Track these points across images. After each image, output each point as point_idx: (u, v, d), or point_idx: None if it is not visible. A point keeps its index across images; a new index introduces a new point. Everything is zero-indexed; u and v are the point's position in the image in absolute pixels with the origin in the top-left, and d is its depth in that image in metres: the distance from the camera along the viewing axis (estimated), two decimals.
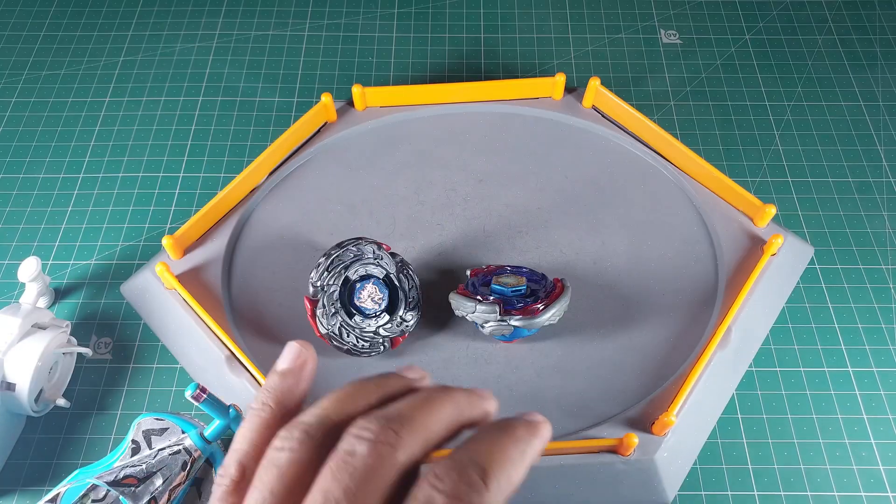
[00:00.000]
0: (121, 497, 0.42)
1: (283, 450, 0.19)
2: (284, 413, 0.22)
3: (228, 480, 0.20)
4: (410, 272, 0.52)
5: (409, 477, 0.19)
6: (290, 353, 0.23)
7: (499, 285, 0.50)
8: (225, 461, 0.21)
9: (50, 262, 0.59)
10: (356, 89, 0.62)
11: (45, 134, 0.66)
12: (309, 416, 0.20)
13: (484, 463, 0.18)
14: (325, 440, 0.19)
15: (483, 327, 0.49)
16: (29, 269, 0.52)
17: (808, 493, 0.49)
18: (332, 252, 0.50)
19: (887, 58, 0.72)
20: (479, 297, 0.49)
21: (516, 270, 0.53)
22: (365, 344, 0.50)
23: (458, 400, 0.20)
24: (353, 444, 0.18)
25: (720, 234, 0.57)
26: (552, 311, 0.48)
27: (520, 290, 0.50)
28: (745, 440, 0.51)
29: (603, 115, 0.63)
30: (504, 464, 0.18)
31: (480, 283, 0.52)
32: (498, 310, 0.48)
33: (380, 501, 0.18)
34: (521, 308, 0.48)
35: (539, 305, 0.48)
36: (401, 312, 0.51)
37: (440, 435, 0.20)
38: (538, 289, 0.51)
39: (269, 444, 0.20)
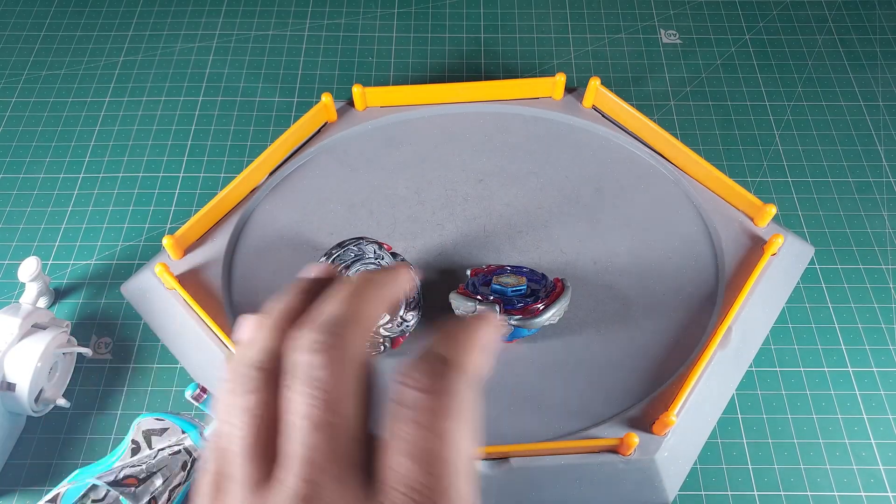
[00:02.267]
0: (121, 497, 0.42)
1: (236, 392, 0.18)
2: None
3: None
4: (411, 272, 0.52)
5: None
6: (247, 324, 0.22)
7: (499, 285, 0.50)
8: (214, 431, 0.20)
9: (50, 262, 0.59)
10: (356, 89, 0.62)
11: (45, 134, 0.66)
12: (252, 351, 0.19)
13: (443, 351, 0.18)
14: (275, 368, 0.19)
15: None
16: (29, 269, 0.52)
17: (808, 493, 0.49)
18: (333, 252, 0.50)
19: (887, 58, 0.72)
20: (479, 297, 0.49)
21: (516, 270, 0.53)
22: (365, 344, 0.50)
23: (378, 279, 0.20)
24: (307, 357, 0.18)
25: (720, 234, 0.57)
26: (552, 310, 0.48)
27: (520, 290, 0.50)
28: (745, 440, 0.51)
29: (603, 115, 0.63)
30: (462, 348, 0.19)
31: (480, 282, 0.52)
32: (498, 310, 0.48)
33: (355, 401, 0.18)
34: (521, 308, 0.48)
35: (539, 305, 0.48)
36: (401, 312, 0.51)
37: (375, 316, 0.20)
38: (538, 289, 0.51)
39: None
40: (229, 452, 0.18)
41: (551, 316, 0.48)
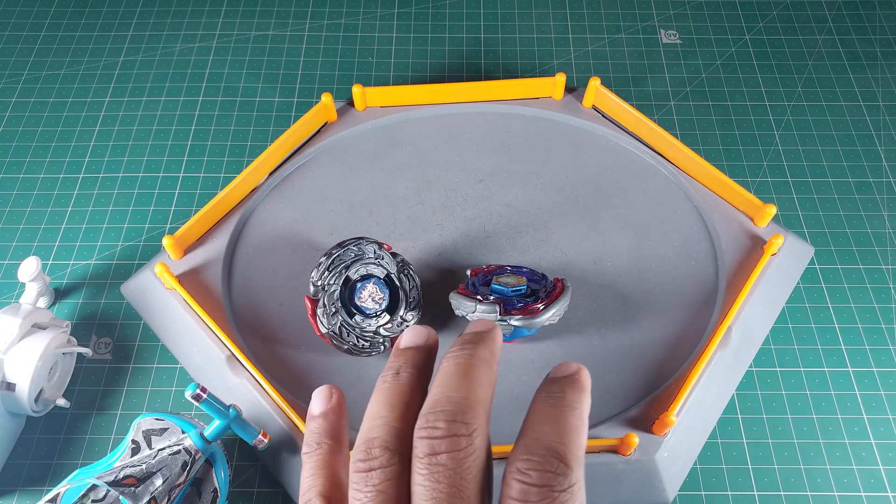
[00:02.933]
0: (121, 497, 0.42)
1: (371, 469, 0.20)
2: (340, 447, 0.23)
3: None
4: (411, 272, 0.52)
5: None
6: (322, 395, 0.24)
7: (499, 285, 0.50)
8: (302, 499, 0.22)
9: (50, 262, 0.59)
10: (356, 89, 0.62)
11: (45, 134, 0.66)
12: (376, 430, 0.20)
13: (556, 446, 0.19)
14: (402, 448, 0.20)
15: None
16: (29, 269, 0.52)
17: (808, 493, 0.49)
18: (333, 251, 0.50)
19: (887, 58, 0.72)
20: (479, 297, 0.49)
21: (516, 270, 0.53)
22: (365, 343, 0.50)
23: (482, 355, 0.21)
24: (433, 445, 0.19)
25: (720, 234, 0.57)
26: (552, 310, 0.48)
27: (520, 290, 0.50)
28: (745, 440, 0.51)
29: (603, 115, 0.63)
30: (572, 437, 0.19)
31: (480, 282, 0.52)
32: (498, 309, 0.48)
33: (480, 486, 0.19)
34: (521, 308, 0.48)
35: (539, 305, 0.48)
36: (401, 312, 0.51)
37: (490, 397, 0.21)
38: (538, 289, 0.51)
39: (342, 475, 0.21)
40: None
41: (551, 316, 0.48)
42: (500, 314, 0.48)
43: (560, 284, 0.50)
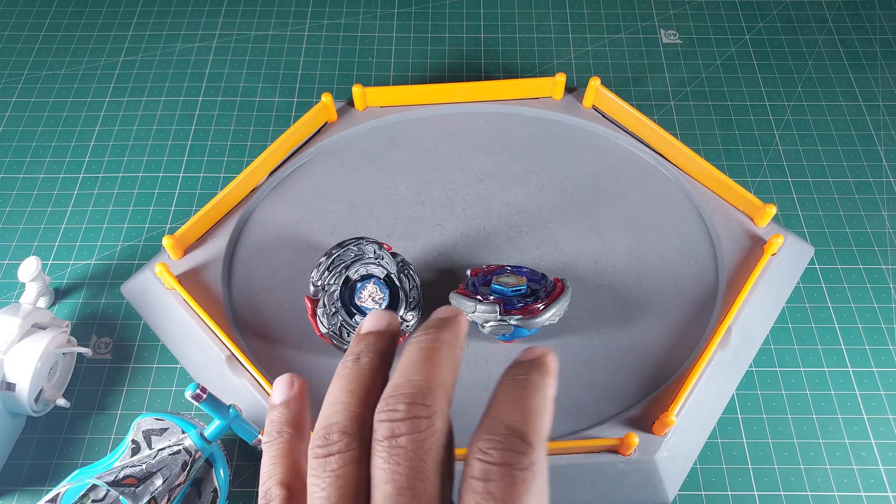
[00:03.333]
0: (121, 497, 0.42)
1: (330, 454, 0.19)
2: (301, 436, 0.22)
3: (279, 501, 0.21)
4: (411, 272, 0.52)
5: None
6: (282, 384, 0.23)
7: (499, 285, 0.50)
8: (261, 489, 0.21)
9: (50, 262, 0.59)
10: (356, 89, 0.62)
11: (45, 134, 0.66)
12: (335, 416, 0.20)
13: (518, 426, 0.19)
14: (362, 433, 0.20)
15: (483, 327, 0.49)
16: (29, 269, 0.52)
17: (808, 493, 0.49)
18: (334, 251, 0.50)
19: (887, 58, 0.72)
20: (479, 297, 0.49)
21: (516, 270, 0.53)
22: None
23: (445, 339, 0.21)
24: (392, 428, 0.19)
25: (720, 234, 0.57)
26: (552, 310, 0.48)
27: (520, 290, 0.50)
28: (745, 440, 0.51)
29: (603, 115, 0.63)
30: (535, 417, 0.19)
31: (480, 282, 0.52)
32: (498, 310, 0.48)
33: (440, 469, 0.19)
34: (521, 308, 0.48)
35: (539, 305, 0.48)
36: (401, 312, 0.51)
37: (452, 381, 0.21)
38: (538, 288, 0.51)
39: (303, 463, 0.21)
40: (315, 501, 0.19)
41: (551, 316, 0.48)
42: (500, 314, 0.48)
43: (560, 284, 0.50)
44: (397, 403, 0.19)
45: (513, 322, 0.48)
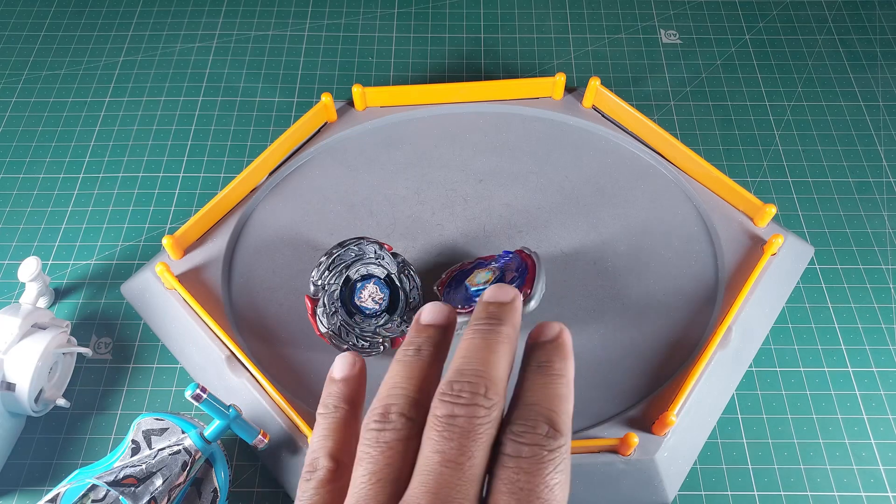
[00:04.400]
0: (121, 497, 0.42)
1: (384, 430, 0.20)
2: (356, 414, 0.23)
3: (325, 472, 0.21)
4: (412, 272, 0.52)
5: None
6: (345, 361, 0.24)
7: (475, 287, 0.49)
8: (308, 457, 0.22)
9: (50, 262, 0.59)
10: (356, 89, 0.62)
11: (45, 134, 0.66)
12: (394, 398, 0.21)
13: (548, 414, 0.20)
14: (418, 418, 0.21)
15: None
16: (29, 269, 0.52)
17: (808, 493, 0.49)
18: (334, 251, 0.50)
19: (887, 58, 0.72)
20: (459, 309, 0.48)
21: (481, 264, 0.52)
22: (365, 343, 0.50)
23: (507, 333, 0.22)
24: (454, 409, 0.20)
25: (720, 234, 0.57)
26: (538, 292, 0.47)
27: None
28: (745, 440, 0.51)
29: (603, 115, 0.63)
30: (561, 405, 0.21)
31: (454, 290, 0.51)
32: None
33: (485, 455, 0.20)
34: None
35: (527, 290, 0.47)
36: (401, 312, 0.51)
37: (509, 375, 0.22)
38: (514, 275, 0.49)
39: (353, 442, 0.22)
40: (363, 467, 0.20)
41: (538, 296, 0.47)
42: None
43: (529, 260, 0.49)
44: (462, 391, 0.20)
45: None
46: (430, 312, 0.24)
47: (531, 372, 0.22)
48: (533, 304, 0.47)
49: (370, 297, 0.50)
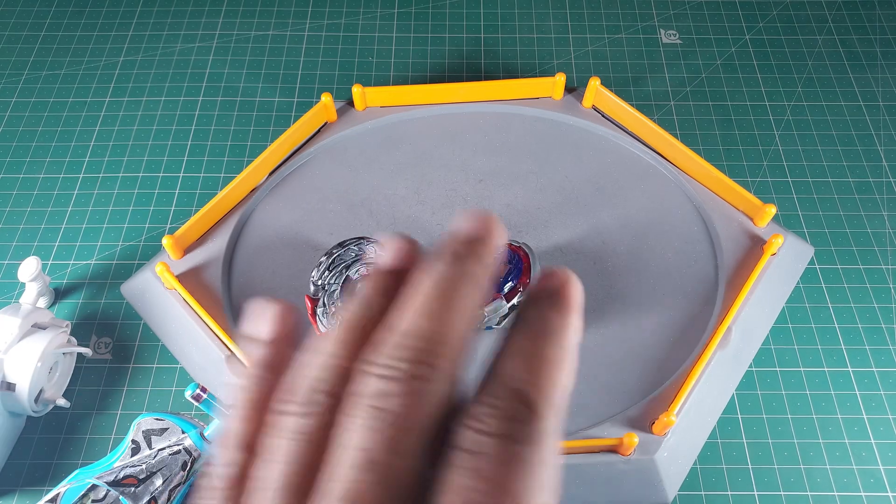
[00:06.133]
0: (121, 497, 0.42)
1: (292, 413, 0.15)
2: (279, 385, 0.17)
3: (234, 469, 0.16)
4: None
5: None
6: (271, 315, 0.18)
7: None
8: (220, 447, 0.17)
9: (50, 262, 0.59)
10: (356, 89, 0.62)
11: (45, 134, 0.66)
12: (315, 367, 0.16)
13: (523, 386, 0.15)
14: (339, 392, 0.15)
15: (499, 324, 0.49)
16: (29, 269, 0.52)
17: (808, 493, 0.49)
18: (334, 251, 0.50)
19: (887, 58, 0.72)
20: None
21: None
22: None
23: (471, 271, 0.16)
24: (382, 385, 0.14)
25: (720, 234, 0.57)
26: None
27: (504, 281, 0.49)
28: (745, 440, 0.51)
29: (603, 115, 0.63)
30: (545, 374, 0.15)
31: None
32: (504, 302, 0.48)
33: (429, 452, 0.15)
34: (509, 292, 0.48)
35: (527, 280, 0.48)
36: None
37: (472, 327, 0.16)
38: (508, 267, 0.50)
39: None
40: (269, 469, 0.15)
41: None
42: (507, 305, 0.48)
43: (520, 251, 0.49)
44: (400, 358, 0.15)
45: (518, 301, 0.47)
46: (391, 252, 0.17)
47: (513, 330, 0.16)
48: None
49: None
